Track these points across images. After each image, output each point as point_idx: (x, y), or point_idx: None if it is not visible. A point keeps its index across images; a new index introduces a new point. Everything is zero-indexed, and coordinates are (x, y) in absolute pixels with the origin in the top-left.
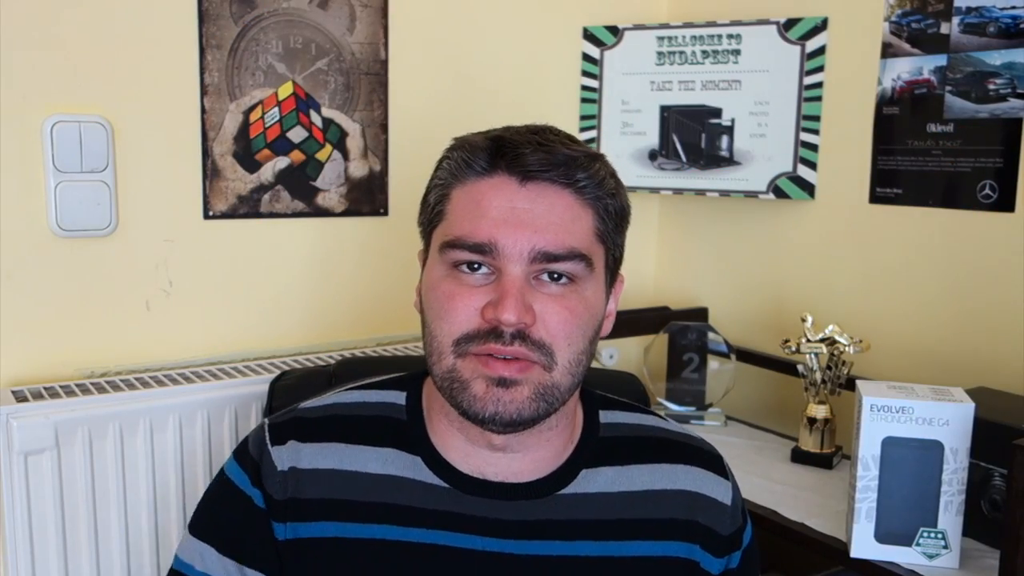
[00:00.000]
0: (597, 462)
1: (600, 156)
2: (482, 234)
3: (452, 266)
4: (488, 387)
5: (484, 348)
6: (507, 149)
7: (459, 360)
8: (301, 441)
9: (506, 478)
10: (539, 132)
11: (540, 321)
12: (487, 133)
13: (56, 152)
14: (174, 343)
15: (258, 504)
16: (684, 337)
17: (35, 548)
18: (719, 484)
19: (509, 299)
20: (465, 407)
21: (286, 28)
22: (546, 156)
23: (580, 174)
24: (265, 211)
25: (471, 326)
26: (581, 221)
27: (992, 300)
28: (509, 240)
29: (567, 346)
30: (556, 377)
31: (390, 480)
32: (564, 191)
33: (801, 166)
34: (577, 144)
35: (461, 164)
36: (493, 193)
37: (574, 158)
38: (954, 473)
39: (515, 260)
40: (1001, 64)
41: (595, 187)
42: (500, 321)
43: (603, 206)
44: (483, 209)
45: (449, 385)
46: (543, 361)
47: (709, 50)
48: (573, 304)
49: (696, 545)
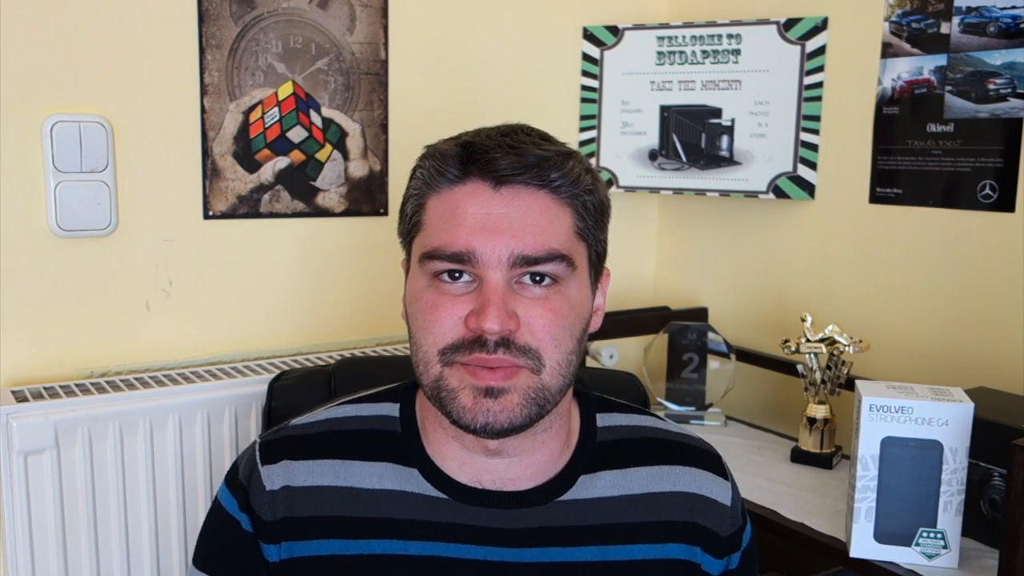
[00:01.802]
0: (595, 467)
1: (574, 153)
2: (460, 243)
3: (433, 276)
4: (476, 398)
5: (470, 358)
6: (478, 155)
7: (446, 368)
8: (294, 459)
9: (504, 485)
10: (510, 134)
11: (525, 325)
12: (457, 139)
13: (56, 152)
14: (174, 343)
15: (245, 528)
16: (684, 337)
17: (35, 548)
18: (719, 485)
19: (491, 308)
20: (455, 418)
21: (286, 28)
22: (517, 159)
23: (554, 173)
24: (265, 211)
25: (455, 336)
26: (559, 221)
27: (992, 300)
28: (487, 247)
29: (554, 348)
30: (545, 379)
31: (387, 494)
32: (539, 192)
33: (801, 166)
34: (550, 143)
35: (433, 173)
36: (468, 200)
37: (546, 158)
38: (953, 473)
39: (495, 266)
40: (1001, 64)
41: (570, 185)
42: (483, 330)
43: (581, 203)
44: (459, 217)
45: (438, 395)
46: (530, 365)
47: (709, 50)
48: (557, 305)
49: (697, 547)
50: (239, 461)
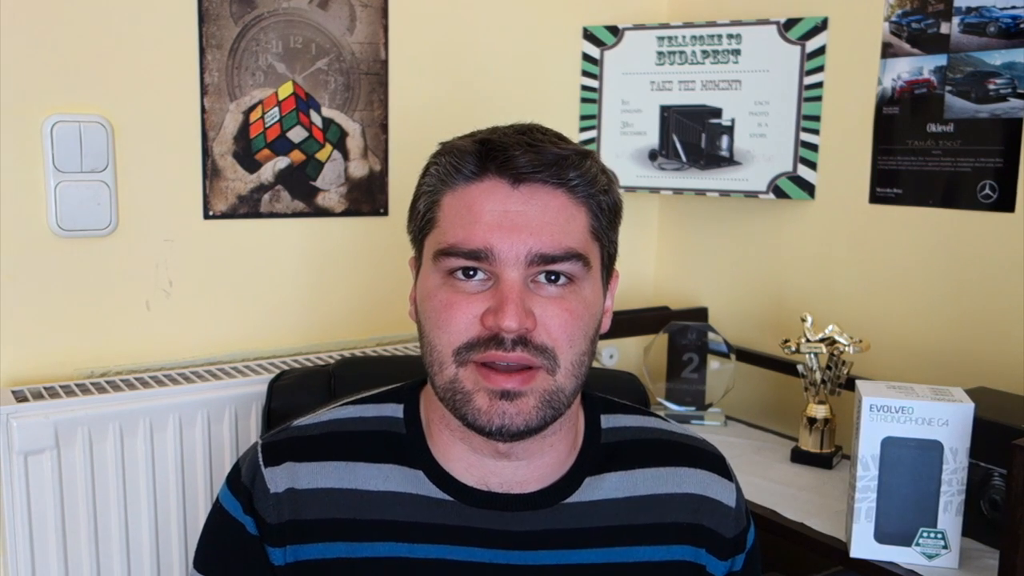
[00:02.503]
0: (601, 469)
1: (590, 153)
2: (477, 240)
3: (447, 274)
4: (492, 400)
5: (486, 356)
6: (496, 152)
7: (461, 369)
8: (298, 461)
9: (510, 488)
10: (527, 132)
11: (541, 325)
12: (473, 136)
13: (56, 152)
14: (174, 343)
15: (250, 531)
16: (684, 337)
17: (35, 548)
18: (723, 486)
19: (509, 305)
20: (470, 420)
21: (286, 28)
22: (536, 156)
23: (572, 173)
24: (265, 211)
25: (471, 334)
26: (576, 221)
27: (992, 300)
28: (505, 244)
29: (569, 348)
30: (560, 381)
31: (393, 497)
32: (557, 191)
33: (801, 166)
34: (566, 142)
35: (450, 169)
36: (485, 197)
37: (564, 157)
38: (954, 473)
39: (512, 264)
40: (1001, 64)
41: (587, 185)
42: (501, 328)
43: (596, 203)
44: (476, 214)
45: (452, 396)
46: (546, 365)
47: (709, 50)
48: (573, 305)
49: (702, 548)
50: (241, 463)
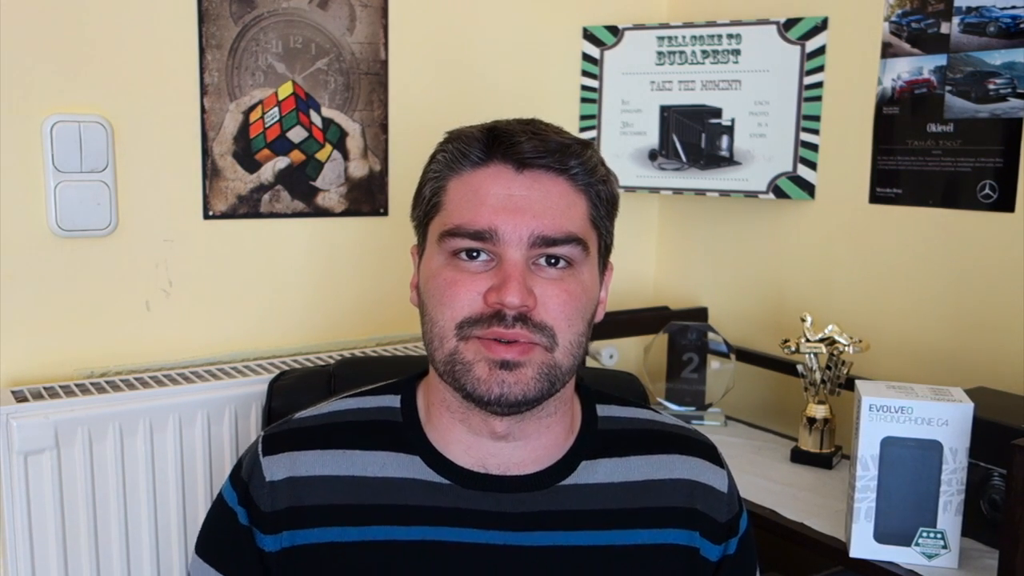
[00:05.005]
0: (597, 454)
1: (590, 143)
2: (482, 221)
3: (452, 254)
4: (492, 369)
5: (488, 332)
6: (502, 138)
7: (461, 343)
8: (297, 450)
9: (508, 470)
10: (530, 123)
11: (541, 304)
12: (479, 125)
13: (56, 152)
14: (174, 343)
15: (241, 521)
16: (684, 337)
17: (35, 548)
18: (715, 473)
19: (512, 282)
20: (469, 389)
21: (286, 28)
22: (540, 144)
23: (573, 161)
24: (265, 211)
25: (474, 310)
26: (576, 207)
27: (992, 300)
28: (509, 226)
29: (568, 327)
30: (558, 357)
31: (390, 482)
32: (559, 178)
33: (801, 166)
34: (566, 133)
35: (457, 155)
36: (491, 181)
37: (567, 145)
38: (953, 473)
39: (515, 245)
40: (1001, 64)
41: (587, 174)
42: (504, 304)
43: (595, 192)
44: (481, 197)
45: (451, 368)
46: (545, 342)
47: (709, 50)
48: (572, 287)
49: (696, 532)
50: (244, 455)
